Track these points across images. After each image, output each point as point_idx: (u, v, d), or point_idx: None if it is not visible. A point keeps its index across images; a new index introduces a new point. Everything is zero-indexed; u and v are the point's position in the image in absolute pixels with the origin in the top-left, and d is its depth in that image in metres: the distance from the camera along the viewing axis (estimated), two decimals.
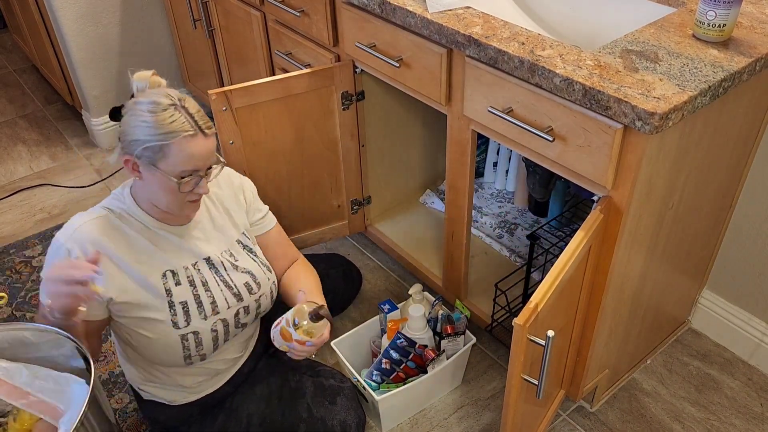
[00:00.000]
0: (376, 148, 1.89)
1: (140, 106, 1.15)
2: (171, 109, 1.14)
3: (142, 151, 1.14)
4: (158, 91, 1.17)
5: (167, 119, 1.13)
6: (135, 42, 2.57)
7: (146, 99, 1.15)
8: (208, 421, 1.40)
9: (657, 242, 1.35)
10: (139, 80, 1.20)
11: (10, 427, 1.35)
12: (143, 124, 1.14)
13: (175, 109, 1.15)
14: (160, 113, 1.13)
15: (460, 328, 1.60)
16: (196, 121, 1.16)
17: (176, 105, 1.15)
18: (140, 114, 1.14)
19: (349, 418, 1.43)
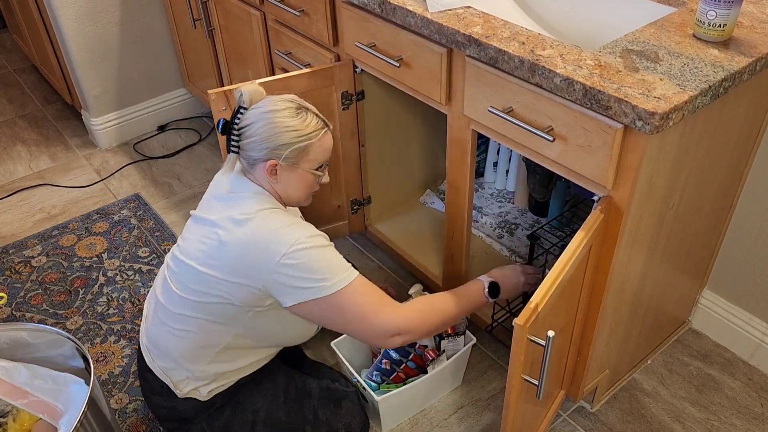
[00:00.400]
0: (376, 148, 1.89)
1: (274, 114, 1.26)
2: (304, 113, 1.29)
3: (288, 154, 1.27)
4: (280, 99, 1.29)
5: (306, 122, 1.28)
6: (135, 42, 2.57)
7: (276, 107, 1.27)
8: (216, 413, 1.41)
9: (657, 242, 1.35)
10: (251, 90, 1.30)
11: (9, 427, 1.35)
12: (286, 129, 1.26)
13: (307, 112, 1.30)
14: (298, 117, 1.28)
15: (461, 329, 1.60)
16: (323, 119, 1.33)
17: (306, 108, 1.30)
18: (279, 121, 1.26)
19: (354, 423, 1.43)
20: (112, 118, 2.67)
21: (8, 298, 1.99)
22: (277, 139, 1.26)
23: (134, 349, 1.81)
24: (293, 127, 1.26)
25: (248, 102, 1.29)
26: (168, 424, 1.44)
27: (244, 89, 1.29)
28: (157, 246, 2.17)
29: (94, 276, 2.06)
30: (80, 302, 1.97)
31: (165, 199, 2.40)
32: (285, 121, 1.26)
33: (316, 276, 1.23)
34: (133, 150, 2.68)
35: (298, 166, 1.30)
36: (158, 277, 1.44)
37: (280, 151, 1.27)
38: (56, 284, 2.04)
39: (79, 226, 2.27)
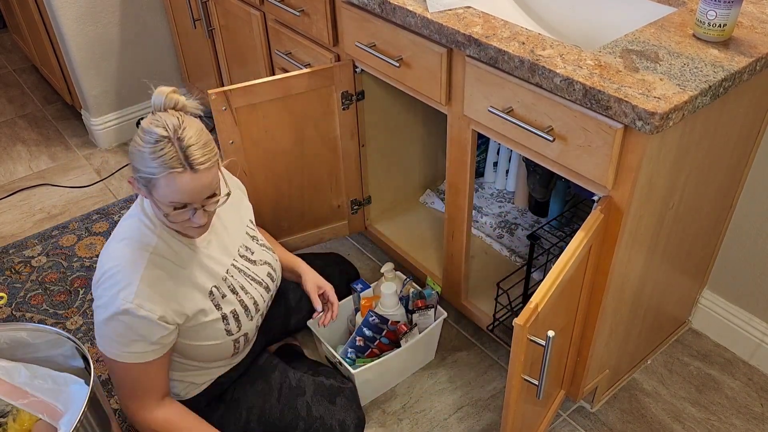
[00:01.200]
0: (376, 148, 1.89)
1: (140, 132, 1.15)
2: (163, 143, 1.12)
3: (138, 177, 1.16)
4: (161, 117, 1.15)
5: (156, 153, 1.12)
6: (135, 42, 2.57)
7: (146, 126, 1.15)
8: (210, 410, 1.41)
9: (657, 242, 1.35)
10: (157, 95, 1.18)
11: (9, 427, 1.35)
12: (137, 152, 1.14)
13: (168, 142, 1.12)
14: (150, 145, 1.12)
15: (431, 303, 1.63)
16: (187, 157, 1.13)
17: (170, 138, 1.12)
18: (138, 141, 1.15)
19: (348, 419, 1.43)
20: (112, 118, 2.67)
21: (8, 298, 1.99)
22: (131, 158, 1.17)
23: None
24: (142, 153, 1.13)
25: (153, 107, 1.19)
26: None
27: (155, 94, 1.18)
28: None
29: None
30: (80, 302, 1.97)
31: None
32: (140, 145, 1.14)
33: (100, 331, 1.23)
34: None
35: (151, 194, 1.17)
36: None
37: (133, 170, 1.17)
38: (56, 284, 2.04)
39: (79, 226, 2.27)
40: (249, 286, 1.38)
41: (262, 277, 1.42)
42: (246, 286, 1.37)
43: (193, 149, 1.14)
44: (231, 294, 1.34)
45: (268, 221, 1.79)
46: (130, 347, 1.22)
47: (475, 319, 1.73)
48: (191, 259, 1.28)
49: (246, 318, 1.36)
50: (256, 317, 1.39)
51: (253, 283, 1.39)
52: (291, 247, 1.87)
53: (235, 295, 1.34)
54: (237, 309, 1.34)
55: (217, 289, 1.31)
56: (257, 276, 1.41)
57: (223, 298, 1.32)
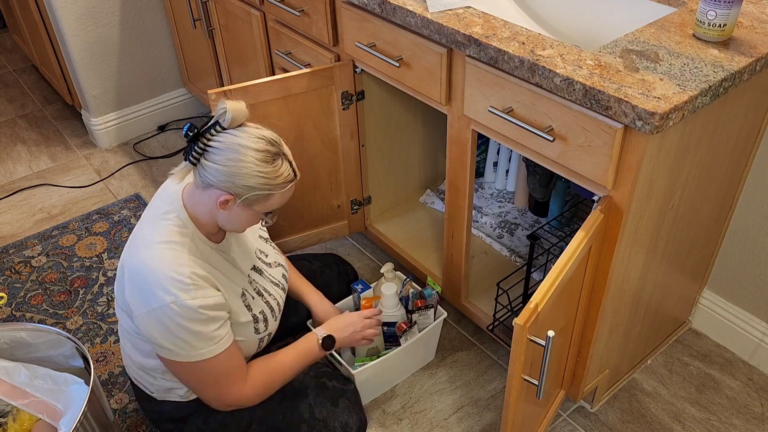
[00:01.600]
0: (376, 148, 1.89)
1: (250, 152, 1.16)
2: (279, 160, 1.19)
3: (250, 197, 1.19)
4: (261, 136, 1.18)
5: (278, 171, 1.19)
6: (135, 42, 2.57)
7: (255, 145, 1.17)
8: (212, 411, 1.41)
9: (657, 242, 1.35)
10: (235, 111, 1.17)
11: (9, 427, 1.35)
12: (257, 174, 1.17)
13: (283, 159, 1.20)
14: (271, 165, 1.18)
15: (431, 303, 1.63)
16: (294, 169, 1.23)
17: (281, 154, 1.20)
18: (252, 162, 1.16)
19: (351, 421, 1.43)
20: (112, 118, 2.67)
21: (8, 298, 1.99)
22: (242, 180, 1.17)
23: None
24: (263, 174, 1.17)
25: (229, 123, 1.18)
26: (163, 426, 1.45)
27: (230, 108, 1.17)
28: None
29: (94, 276, 2.06)
30: (80, 302, 1.97)
31: None
32: (257, 166, 1.17)
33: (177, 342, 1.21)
34: (133, 150, 2.68)
35: (252, 207, 1.22)
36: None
37: (241, 191, 1.18)
38: (56, 284, 2.04)
39: (79, 226, 2.27)
40: (270, 287, 1.42)
41: (278, 278, 1.46)
42: (267, 287, 1.41)
43: (292, 160, 1.24)
44: (258, 296, 1.37)
45: None
46: (216, 337, 1.23)
47: (475, 319, 1.73)
48: (220, 263, 1.31)
49: (272, 318, 1.40)
50: (278, 318, 1.43)
51: (272, 284, 1.43)
52: (291, 247, 1.87)
53: (260, 297, 1.38)
54: (265, 310, 1.38)
55: (247, 291, 1.35)
56: (274, 278, 1.45)
57: (252, 299, 1.36)
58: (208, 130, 1.19)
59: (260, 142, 1.17)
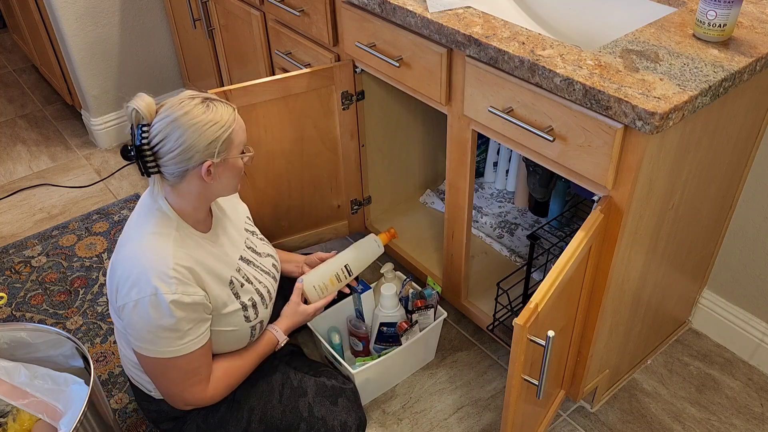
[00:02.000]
0: (376, 148, 1.89)
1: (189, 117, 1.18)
2: (210, 103, 1.21)
3: (220, 148, 1.20)
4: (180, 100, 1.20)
5: (219, 111, 1.21)
6: (135, 42, 2.57)
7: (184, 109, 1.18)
8: (211, 410, 1.41)
9: (657, 242, 1.35)
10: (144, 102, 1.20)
11: (9, 427, 1.35)
12: (208, 125, 1.19)
13: (212, 101, 1.22)
14: (210, 110, 1.20)
15: (431, 303, 1.63)
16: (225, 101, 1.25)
17: (209, 98, 1.22)
18: (197, 121, 1.18)
19: (350, 420, 1.43)
20: (112, 118, 2.67)
21: (8, 298, 1.99)
22: (203, 139, 1.18)
23: None
24: (213, 121, 1.19)
25: (149, 117, 1.19)
26: (164, 425, 1.45)
27: (137, 105, 1.19)
28: None
29: (94, 276, 2.06)
30: (80, 302, 1.97)
31: None
32: (202, 119, 1.18)
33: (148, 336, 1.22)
34: None
35: (228, 156, 1.23)
36: None
37: (210, 149, 1.19)
38: (56, 284, 2.04)
39: (79, 226, 2.27)
40: (260, 276, 1.42)
41: (268, 267, 1.47)
42: (257, 275, 1.41)
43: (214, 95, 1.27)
44: (247, 283, 1.37)
45: (268, 221, 1.79)
46: (185, 337, 1.23)
47: (475, 319, 1.73)
48: (207, 252, 1.31)
49: (262, 306, 1.40)
50: (270, 305, 1.44)
51: (263, 273, 1.44)
52: (291, 247, 1.87)
53: (250, 285, 1.38)
54: (254, 297, 1.38)
55: (236, 279, 1.35)
56: (264, 266, 1.45)
57: (241, 287, 1.36)
58: (140, 138, 1.21)
59: (185, 104, 1.19)
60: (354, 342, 1.68)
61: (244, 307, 1.35)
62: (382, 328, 1.62)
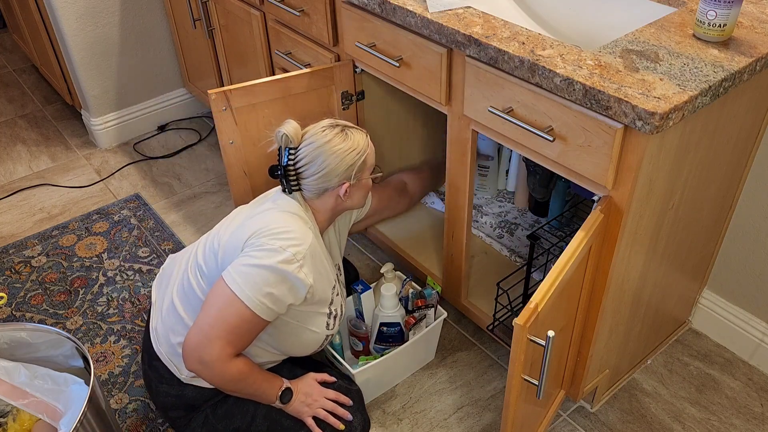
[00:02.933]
0: (376, 148, 1.89)
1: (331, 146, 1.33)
2: (348, 131, 1.37)
3: (356, 172, 1.36)
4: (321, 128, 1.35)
5: (356, 138, 1.36)
6: (135, 42, 2.57)
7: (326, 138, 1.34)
8: (220, 401, 1.42)
9: (657, 242, 1.35)
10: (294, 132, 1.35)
11: (9, 427, 1.35)
12: (347, 152, 1.34)
13: (348, 129, 1.37)
14: (348, 138, 1.35)
15: (431, 302, 1.64)
16: (356, 126, 1.40)
17: (345, 126, 1.37)
18: (338, 149, 1.33)
19: (355, 421, 1.43)
20: (112, 118, 2.67)
21: (8, 298, 1.99)
22: (342, 165, 1.34)
23: (134, 349, 1.81)
24: (350, 149, 1.34)
25: (296, 141, 1.35)
26: (174, 412, 1.44)
27: (287, 131, 1.34)
28: (157, 246, 2.17)
29: (94, 276, 2.06)
30: (80, 302, 1.97)
31: (165, 199, 2.40)
32: (342, 147, 1.34)
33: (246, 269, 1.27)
34: (133, 150, 2.68)
35: (362, 177, 1.40)
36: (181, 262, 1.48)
37: (348, 173, 1.35)
38: (56, 284, 2.04)
39: (79, 226, 2.27)
40: (342, 293, 1.52)
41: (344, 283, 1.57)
42: (341, 291, 1.50)
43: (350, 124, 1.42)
44: (338, 297, 1.46)
45: None
46: (265, 298, 1.27)
47: (475, 319, 1.73)
48: (323, 251, 1.41)
49: (339, 321, 1.47)
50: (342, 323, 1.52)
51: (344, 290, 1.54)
52: None
53: (338, 297, 1.46)
54: (338, 310, 1.46)
55: (335, 285, 1.44)
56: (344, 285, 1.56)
57: (336, 295, 1.44)
58: (287, 160, 1.36)
59: (328, 133, 1.34)
60: (354, 342, 1.68)
61: (330, 314, 1.43)
62: (382, 328, 1.62)
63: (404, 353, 1.62)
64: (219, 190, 2.43)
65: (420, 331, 1.62)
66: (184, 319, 1.38)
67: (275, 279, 1.27)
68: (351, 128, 1.38)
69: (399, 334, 1.64)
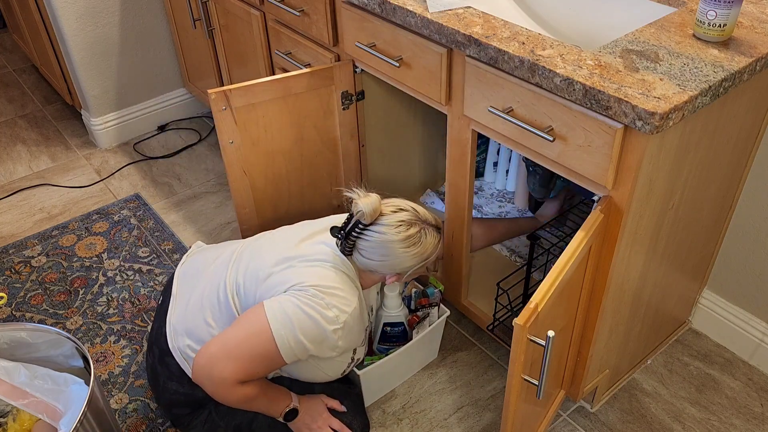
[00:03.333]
0: (376, 148, 1.89)
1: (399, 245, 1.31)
2: (422, 235, 1.33)
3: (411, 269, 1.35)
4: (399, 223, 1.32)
5: (427, 242, 1.34)
6: (135, 42, 2.57)
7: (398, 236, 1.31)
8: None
9: (657, 242, 1.35)
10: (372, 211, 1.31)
11: (9, 427, 1.35)
12: (412, 257, 1.33)
13: (425, 230, 1.34)
14: (419, 244, 1.33)
15: (434, 301, 1.64)
16: (436, 224, 1.37)
17: (422, 228, 1.34)
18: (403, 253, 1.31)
19: (355, 423, 1.43)
20: (112, 118, 2.67)
21: (8, 298, 1.99)
22: (401, 265, 1.33)
23: (134, 349, 1.81)
24: (416, 254, 1.33)
25: (368, 220, 1.31)
26: (178, 410, 1.44)
27: (365, 207, 1.29)
28: (156, 246, 2.17)
29: (94, 276, 2.06)
30: (80, 302, 1.97)
31: (165, 199, 2.40)
32: (408, 252, 1.32)
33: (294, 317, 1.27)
34: (133, 150, 2.68)
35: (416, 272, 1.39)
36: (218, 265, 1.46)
37: (404, 271, 1.35)
38: (56, 284, 2.04)
39: (79, 226, 2.27)
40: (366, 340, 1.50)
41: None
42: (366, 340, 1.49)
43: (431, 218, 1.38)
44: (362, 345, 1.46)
45: (269, 221, 1.79)
46: (295, 340, 1.27)
47: (475, 319, 1.73)
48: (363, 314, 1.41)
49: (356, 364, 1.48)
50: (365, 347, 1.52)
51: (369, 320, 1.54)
52: None
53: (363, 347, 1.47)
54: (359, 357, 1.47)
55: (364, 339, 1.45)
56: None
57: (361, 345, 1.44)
58: (352, 229, 1.33)
59: (401, 231, 1.31)
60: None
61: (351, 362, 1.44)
62: (385, 329, 1.62)
63: (408, 352, 1.62)
64: (219, 190, 2.43)
65: (423, 329, 1.62)
66: (211, 328, 1.38)
67: (312, 331, 1.28)
68: (429, 228, 1.35)
69: (403, 333, 1.64)
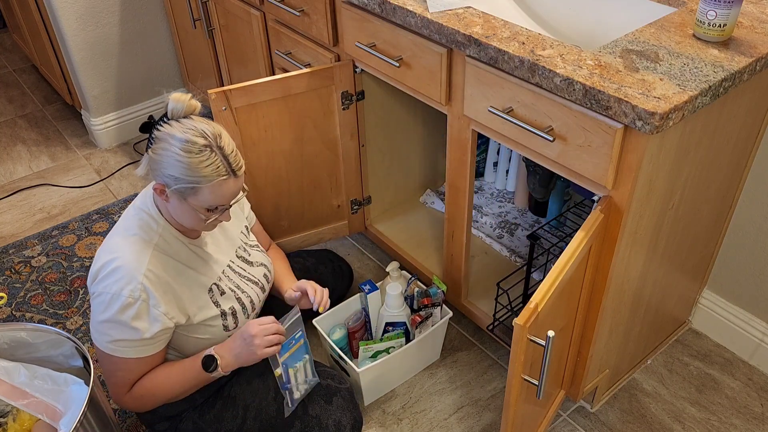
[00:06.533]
0: (376, 148, 1.89)
1: (175, 141, 1.17)
2: (206, 152, 1.17)
3: (177, 186, 1.18)
4: (195, 126, 1.18)
5: (202, 163, 1.17)
6: (135, 42, 2.57)
7: (181, 135, 1.17)
8: (206, 406, 1.42)
9: (657, 242, 1.35)
10: (176, 102, 1.21)
11: (9, 427, 1.35)
12: (178, 163, 1.17)
13: (210, 151, 1.17)
14: (195, 155, 1.16)
15: (437, 301, 1.63)
16: (230, 164, 1.20)
17: (211, 147, 1.18)
18: (175, 151, 1.16)
19: (345, 419, 1.43)
20: (112, 118, 2.67)
21: (8, 298, 1.99)
22: (165, 168, 1.18)
23: None
24: (187, 165, 1.16)
25: (170, 114, 1.20)
26: (159, 425, 1.44)
27: (172, 99, 1.20)
28: None
29: None
30: (80, 302, 1.97)
31: None
32: (178, 155, 1.16)
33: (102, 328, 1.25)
34: (133, 150, 2.68)
35: (186, 200, 1.21)
36: None
37: (167, 180, 1.19)
38: (56, 284, 2.04)
39: (79, 226, 2.27)
40: (245, 286, 1.42)
41: (258, 277, 1.46)
42: (242, 285, 1.41)
43: (232, 156, 1.21)
44: (229, 291, 1.38)
45: (268, 221, 1.79)
46: (127, 343, 1.25)
47: (475, 319, 1.73)
48: (190, 258, 1.33)
49: (243, 316, 1.40)
50: (252, 315, 1.43)
51: (249, 283, 1.43)
52: (291, 247, 1.87)
53: (232, 293, 1.38)
54: (235, 306, 1.38)
55: (216, 287, 1.36)
56: (253, 276, 1.45)
57: (221, 295, 1.36)
58: (158, 122, 1.21)
59: (188, 133, 1.17)
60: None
61: (223, 314, 1.35)
62: (387, 328, 1.61)
63: (410, 352, 1.62)
64: None
65: (426, 329, 1.62)
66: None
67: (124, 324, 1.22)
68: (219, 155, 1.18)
69: (404, 333, 1.64)
